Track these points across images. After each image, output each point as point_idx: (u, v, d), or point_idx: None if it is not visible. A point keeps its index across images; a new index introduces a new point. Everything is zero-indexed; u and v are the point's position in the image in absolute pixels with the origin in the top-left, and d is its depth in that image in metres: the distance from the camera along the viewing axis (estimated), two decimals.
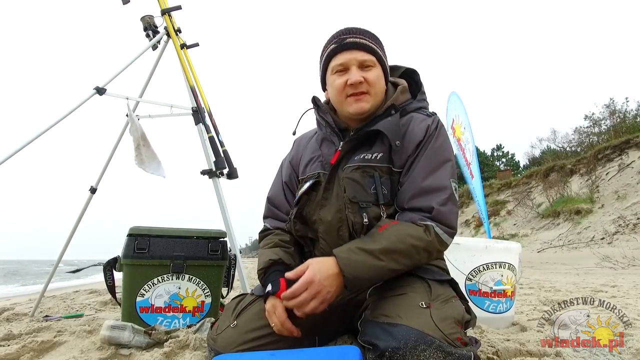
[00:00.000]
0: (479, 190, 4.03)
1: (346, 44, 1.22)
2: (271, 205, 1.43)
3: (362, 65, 1.22)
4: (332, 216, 1.23)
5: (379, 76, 1.24)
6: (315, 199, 1.27)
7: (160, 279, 1.65)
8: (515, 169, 29.19)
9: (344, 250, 1.08)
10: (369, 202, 1.19)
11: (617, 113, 18.35)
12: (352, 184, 1.21)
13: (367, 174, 1.21)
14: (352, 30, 1.25)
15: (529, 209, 14.60)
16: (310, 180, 1.29)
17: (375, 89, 1.23)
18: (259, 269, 1.25)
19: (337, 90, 1.24)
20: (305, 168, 1.36)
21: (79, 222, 2.29)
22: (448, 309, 1.06)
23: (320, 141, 1.36)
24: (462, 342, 0.99)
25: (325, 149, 1.33)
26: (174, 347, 1.36)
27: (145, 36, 2.24)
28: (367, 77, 1.21)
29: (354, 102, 1.22)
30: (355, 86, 1.20)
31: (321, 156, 1.32)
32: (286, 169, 1.44)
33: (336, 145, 1.30)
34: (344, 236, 1.22)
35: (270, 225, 1.40)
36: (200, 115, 2.08)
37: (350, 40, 1.22)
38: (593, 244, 9.62)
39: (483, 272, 1.84)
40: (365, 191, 1.20)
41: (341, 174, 1.24)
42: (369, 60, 1.22)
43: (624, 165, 12.76)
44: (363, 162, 1.22)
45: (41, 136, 1.82)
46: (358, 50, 1.21)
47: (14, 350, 1.39)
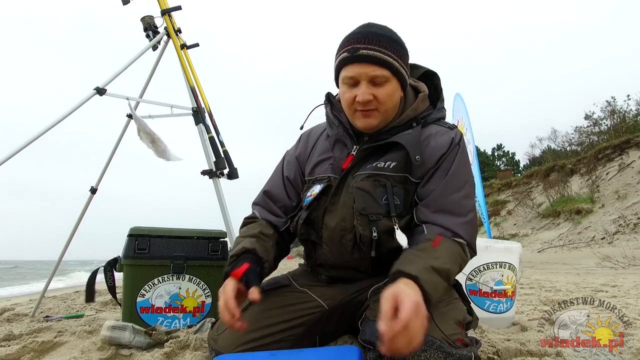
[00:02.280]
0: (479, 190, 4.03)
1: (358, 57, 1.12)
2: (267, 197, 1.35)
3: (373, 80, 1.13)
4: (336, 223, 1.20)
5: (392, 92, 1.15)
6: (324, 203, 1.23)
7: (161, 279, 1.65)
8: (515, 168, 29.20)
9: (422, 271, 0.95)
10: (379, 215, 1.15)
11: (617, 112, 18.35)
12: (362, 195, 1.16)
13: (379, 183, 1.17)
14: (369, 38, 1.13)
15: (529, 209, 14.60)
16: (321, 183, 1.24)
17: (386, 107, 1.16)
18: (231, 255, 1.18)
19: (346, 103, 1.19)
20: (314, 169, 1.30)
21: (80, 222, 2.30)
22: (450, 310, 1.06)
23: (334, 142, 1.29)
24: (463, 343, 0.99)
25: (338, 151, 1.27)
26: (174, 348, 1.35)
27: (145, 36, 2.24)
28: (377, 95, 1.13)
29: (362, 118, 1.17)
30: (364, 104, 1.14)
31: (333, 159, 1.27)
32: (291, 164, 1.38)
33: (349, 148, 1.25)
34: (347, 245, 1.20)
35: (260, 214, 1.32)
36: (201, 116, 2.08)
37: (363, 53, 1.11)
38: (593, 243, 9.62)
39: (483, 272, 1.84)
40: (375, 202, 1.16)
41: (351, 182, 1.20)
42: (381, 76, 1.12)
43: (625, 165, 12.75)
44: (375, 170, 1.18)
45: (41, 136, 1.82)
46: (370, 65, 1.11)
47: (14, 351, 1.39)
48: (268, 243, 1.23)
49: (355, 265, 1.24)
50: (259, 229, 1.25)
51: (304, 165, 1.36)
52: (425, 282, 0.92)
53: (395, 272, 0.96)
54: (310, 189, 1.27)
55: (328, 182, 1.23)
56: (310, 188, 1.28)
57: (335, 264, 1.26)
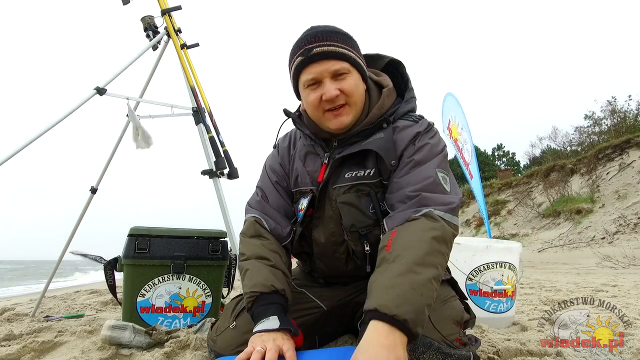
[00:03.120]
0: (478, 190, 4.03)
1: (314, 56, 1.08)
2: (264, 201, 1.26)
3: (336, 75, 1.09)
4: (326, 239, 1.18)
5: (356, 83, 1.12)
6: (311, 216, 1.20)
7: (161, 279, 1.65)
8: (515, 168, 29.18)
9: (376, 297, 0.86)
10: (369, 227, 1.11)
11: (618, 112, 18.33)
12: (349, 210, 1.12)
13: (362, 192, 1.13)
14: (318, 36, 1.10)
15: (529, 209, 14.58)
16: (306, 196, 1.20)
17: (354, 98, 1.12)
18: (252, 291, 1.05)
19: (313, 107, 1.13)
20: (297, 180, 1.26)
21: (80, 222, 2.30)
22: (447, 309, 1.06)
23: (304, 156, 1.24)
24: (461, 343, 0.99)
25: (311, 163, 1.22)
26: (174, 347, 1.35)
27: (145, 36, 2.24)
28: (343, 88, 1.09)
29: (333, 118, 1.12)
30: (332, 101, 1.09)
31: (307, 172, 1.22)
32: (276, 172, 1.31)
33: (321, 157, 1.20)
34: (341, 258, 1.18)
35: (267, 223, 1.21)
36: (201, 115, 2.08)
37: (318, 51, 1.08)
38: (594, 243, 9.61)
39: (484, 272, 1.84)
40: (363, 215, 1.12)
41: (332, 193, 1.16)
42: (342, 69, 1.09)
43: (625, 165, 12.74)
44: (355, 181, 1.13)
45: (42, 136, 1.82)
46: (328, 60, 1.08)
47: (14, 351, 1.39)
48: (287, 273, 1.15)
49: (352, 274, 1.23)
50: (276, 254, 1.15)
51: (288, 173, 1.30)
52: (383, 307, 0.83)
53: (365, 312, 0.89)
54: (299, 202, 1.23)
55: (312, 194, 1.19)
56: (298, 200, 1.24)
57: (330, 274, 1.26)
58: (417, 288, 0.86)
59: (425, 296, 0.86)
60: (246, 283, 1.08)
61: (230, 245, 1.90)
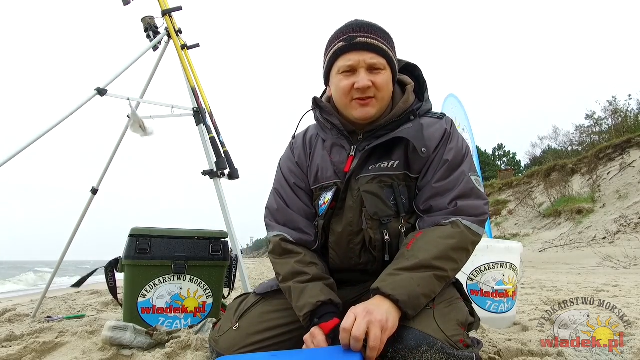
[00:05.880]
0: None
1: (356, 44, 1.12)
2: (285, 206, 1.26)
3: (372, 68, 1.12)
4: (343, 228, 1.19)
5: (388, 80, 1.16)
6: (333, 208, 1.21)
7: (162, 280, 1.65)
8: (516, 168, 29.17)
9: (381, 279, 1.02)
10: (390, 217, 1.15)
11: (619, 112, 18.31)
12: (372, 199, 1.15)
13: (385, 184, 1.16)
14: (363, 28, 1.14)
15: (530, 209, 14.58)
16: (330, 190, 1.21)
17: (383, 94, 1.15)
18: (304, 313, 1.06)
19: (342, 92, 1.15)
20: (317, 176, 1.26)
21: (81, 223, 2.30)
22: (452, 310, 1.06)
23: (330, 147, 1.26)
24: (465, 344, 0.99)
25: (337, 155, 1.24)
26: (175, 348, 1.36)
27: (146, 37, 2.24)
28: (376, 82, 1.12)
29: (360, 107, 1.15)
30: (363, 91, 1.12)
31: (333, 164, 1.23)
32: (294, 172, 1.31)
33: (347, 150, 1.22)
34: (355, 249, 1.19)
35: (291, 237, 1.21)
36: (202, 116, 2.08)
37: (361, 41, 1.12)
38: (595, 243, 9.60)
39: (485, 272, 1.84)
40: (385, 205, 1.15)
41: (355, 185, 1.18)
42: (379, 64, 1.12)
43: (626, 165, 12.73)
44: (380, 172, 1.16)
45: (43, 137, 1.83)
46: (368, 52, 1.12)
47: (15, 351, 1.40)
48: (330, 280, 1.17)
49: (363, 268, 1.22)
50: (313, 267, 1.17)
51: (306, 172, 1.31)
52: (384, 286, 0.98)
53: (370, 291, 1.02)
54: (320, 197, 1.24)
55: (336, 188, 1.21)
56: (320, 196, 1.25)
57: (341, 268, 1.25)
58: (415, 279, 1.00)
59: (422, 287, 0.99)
60: (295, 305, 1.11)
61: (231, 246, 1.90)
